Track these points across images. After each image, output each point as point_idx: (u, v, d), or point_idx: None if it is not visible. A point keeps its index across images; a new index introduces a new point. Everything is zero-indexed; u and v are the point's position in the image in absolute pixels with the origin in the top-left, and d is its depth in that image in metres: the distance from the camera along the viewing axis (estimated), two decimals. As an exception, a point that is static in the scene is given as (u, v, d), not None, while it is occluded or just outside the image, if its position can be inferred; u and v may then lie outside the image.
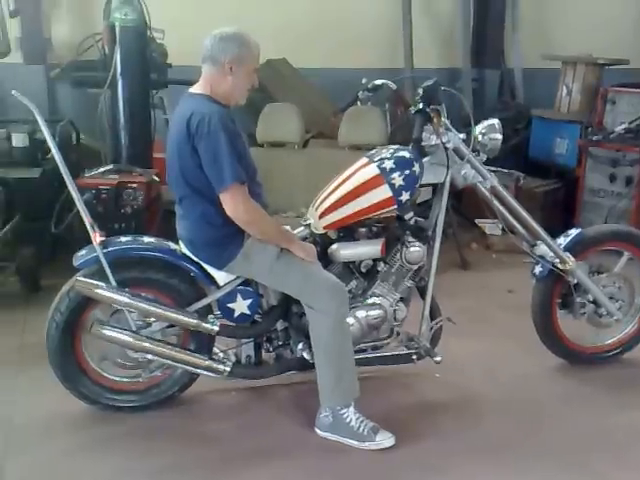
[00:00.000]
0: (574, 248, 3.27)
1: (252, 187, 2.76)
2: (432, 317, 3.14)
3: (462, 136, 2.99)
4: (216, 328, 2.83)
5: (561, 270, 3.24)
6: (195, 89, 2.80)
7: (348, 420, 2.78)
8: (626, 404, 3.14)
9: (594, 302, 3.33)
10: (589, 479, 2.63)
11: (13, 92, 2.69)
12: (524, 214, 3.20)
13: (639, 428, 2.96)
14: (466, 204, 5.33)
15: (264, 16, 6.00)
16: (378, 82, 3.23)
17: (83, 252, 2.82)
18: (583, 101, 5.66)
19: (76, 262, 2.79)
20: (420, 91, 2.94)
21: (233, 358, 2.99)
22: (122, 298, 2.73)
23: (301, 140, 4.75)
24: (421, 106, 2.90)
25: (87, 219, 2.77)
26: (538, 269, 3.31)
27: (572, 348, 3.44)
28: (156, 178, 4.38)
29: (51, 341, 2.82)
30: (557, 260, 3.23)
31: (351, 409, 2.80)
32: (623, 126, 4.89)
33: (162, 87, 4.87)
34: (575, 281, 3.28)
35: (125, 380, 2.96)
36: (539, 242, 3.30)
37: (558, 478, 2.63)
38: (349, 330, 2.85)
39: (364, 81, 3.25)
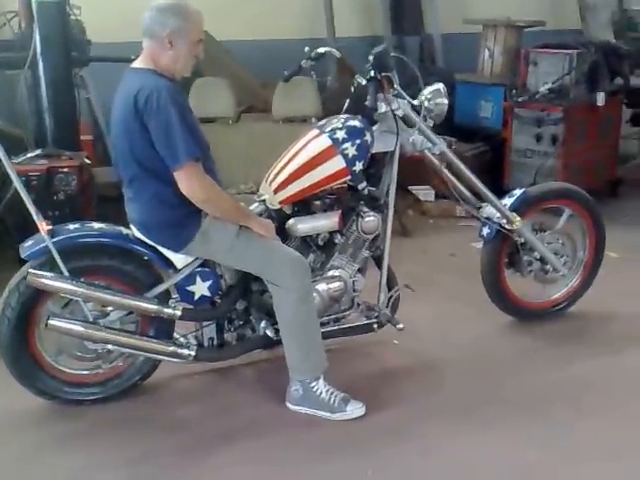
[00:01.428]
0: (519, 208, 3.35)
1: (206, 163, 2.69)
2: (389, 285, 3.16)
3: (416, 102, 2.99)
4: (178, 313, 2.76)
5: (508, 230, 3.31)
6: (138, 64, 2.70)
7: (318, 392, 2.78)
8: (575, 356, 3.25)
9: (540, 259, 3.43)
10: (555, 428, 2.72)
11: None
12: (472, 177, 3.26)
13: (589, 378, 3.07)
14: (398, 171, 5.38)
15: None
16: (321, 50, 3.19)
17: (30, 242, 2.68)
18: (505, 64, 5.78)
19: (24, 253, 2.66)
20: (371, 58, 2.91)
21: (194, 342, 2.93)
22: (78, 288, 2.62)
23: (234, 115, 4.66)
24: (372, 73, 2.88)
25: (32, 207, 2.64)
26: (485, 230, 3.38)
27: (521, 305, 3.54)
28: (87, 161, 4.20)
29: (3, 338, 2.69)
30: (504, 221, 3.30)
31: (320, 381, 2.80)
32: (547, 86, 5.02)
33: (83, 65, 4.66)
34: (522, 240, 3.36)
35: (84, 372, 2.86)
36: (484, 204, 3.37)
37: (525, 430, 2.71)
38: (314, 303, 2.84)
39: (307, 49, 3.20)
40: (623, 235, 4.44)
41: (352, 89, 3.06)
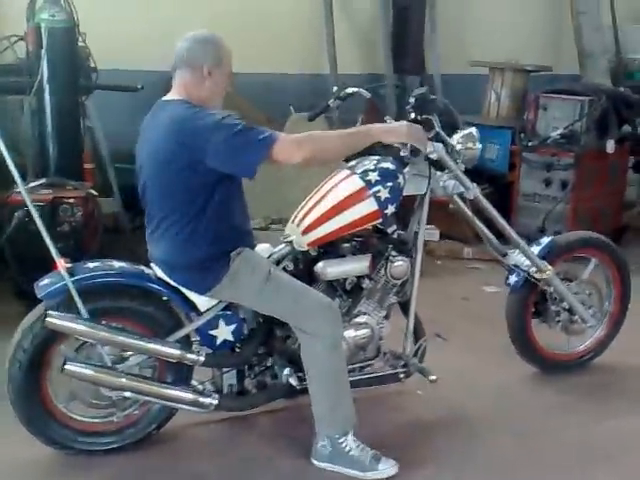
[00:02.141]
0: (547, 256, 3.25)
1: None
2: (416, 333, 3.03)
3: (458, 146, 2.89)
4: (202, 358, 2.60)
5: (538, 279, 3.20)
6: (170, 96, 2.59)
7: (348, 449, 2.62)
8: (608, 411, 3.13)
9: (569, 310, 3.32)
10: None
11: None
12: (503, 222, 3.16)
13: (626, 436, 2.95)
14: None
15: (182, 20, 5.75)
16: (349, 90, 3.10)
17: (47, 281, 2.52)
18: (511, 107, 5.75)
19: (40, 293, 2.49)
20: (412, 100, 2.82)
21: (212, 389, 2.77)
22: (99, 332, 2.46)
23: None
24: (413, 116, 2.78)
25: (50, 242, 2.48)
26: (513, 279, 3.26)
27: (546, 356, 3.42)
28: (93, 192, 4.04)
29: (14, 382, 2.51)
30: (533, 269, 3.20)
31: (350, 437, 2.64)
32: (558, 131, 4.98)
33: (89, 93, 4.53)
34: (551, 290, 3.26)
35: (97, 421, 2.67)
36: (510, 251, 3.27)
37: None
38: (343, 352, 2.69)
39: (335, 89, 3.11)
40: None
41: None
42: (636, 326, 3.56)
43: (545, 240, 3.30)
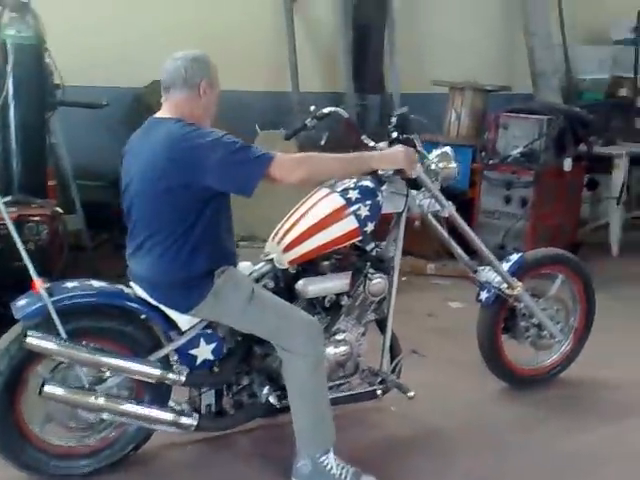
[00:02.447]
0: (516, 273, 3.31)
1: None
2: (392, 350, 3.05)
3: (441, 164, 2.94)
4: (183, 378, 2.57)
5: (509, 295, 3.27)
6: (162, 114, 2.57)
7: (329, 467, 2.61)
8: (578, 424, 3.20)
9: (537, 325, 3.39)
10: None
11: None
12: (476, 240, 3.21)
13: (597, 447, 3.02)
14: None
15: (144, 35, 5.73)
16: (326, 110, 3.12)
17: (24, 302, 2.46)
18: (471, 125, 5.86)
19: (18, 313, 2.43)
20: (393, 120, 2.85)
21: (188, 408, 2.73)
22: (80, 353, 2.41)
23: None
24: (395, 135, 2.81)
25: (28, 262, 2.43)
26: (484, 295, 3.31)
27: (515, 371, 3.48)
28: (59, 210, 3.97)
29: (-12, 405, 2.43)
30: (504, 285, 3.26)
31: (331, 455, 2.63)
32: (519, 150, 5.10)
33: (53, 109, 4.45)
34: (521, 306, 3.32)
35: (72, 444, 2.61)
36: (480, 268, 3.33)
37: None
38: (325, 371, 2.69)
39: (312, 109, 3.12)
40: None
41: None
42: (597, 340, 3.65)
43: (514, 257, 3.36)
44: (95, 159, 5.45)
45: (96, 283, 2.58)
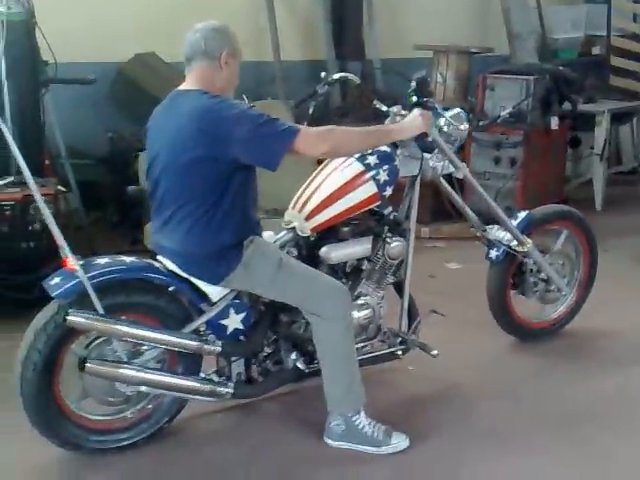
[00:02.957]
0: (525, 230, 3.39)
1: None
2: (410, 311, 3.12)
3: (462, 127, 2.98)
4: (219, 348, 2.61)
5: (519, 252, 3.35)
6: (186, 86, 2.57)
7: (361, 426, 2.69)
8: (591, 372, 3.31)
9: (545, 280, 3.48)
10: (593, 448, 2.75)
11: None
12: (489, 199, 3.28)
13: (610, 394, 3.14)
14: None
15: (125, 10, 5.65)
16: (337, 76, 3.14)
17: (58, 279, 2.46)
18: (457, 89, 5.91)
19: (54, 291, 2.43)
20: (413, 84, 2.88)
21: (216, 378, 2.77)
22: (121, 327, 2.43)
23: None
24: (415, 99, 2.84)
25: (61, 239, 2.43)
26: (494, 253, 3.39)
27: (524, 326, 3.58)
28: (62, 188, 3.94)
29: (28, 385, 2.45)
30: (514, 242, 3.34)
31: (362, 414, 2.71)
32: (508, 110, 5.16)
33: (46, 87, 4.38)
34: (531, 262, 3.41)
35: (109, 418, 2.64)
36: (489, 227, 3.40)
37: (566, 451, 2.73)
38: (353, 333, 2.75)
39: (323, 75, 3.13)
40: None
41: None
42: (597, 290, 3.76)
43: (522, 214, 3.44)
44: (81, 136, 5.40)
45: (127, 258, 2.59)
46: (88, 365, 2.41)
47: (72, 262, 2.40)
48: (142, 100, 5.39)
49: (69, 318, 2.37)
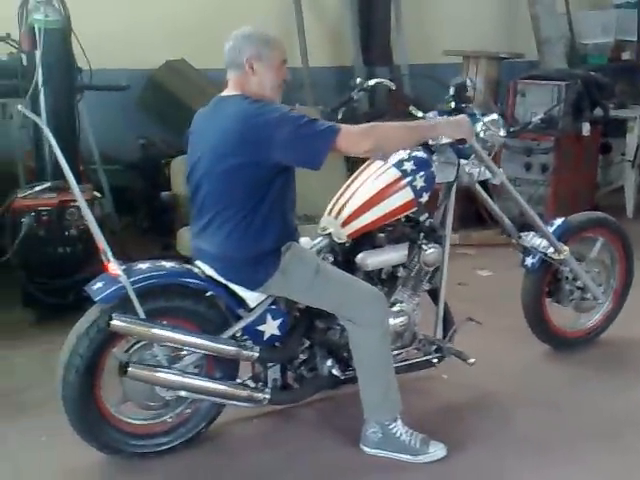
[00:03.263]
0: (561, 237, 3.37)
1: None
2: (445, 318, 3.11)
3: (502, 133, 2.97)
4: (256, 354, 2.62)
5: (555, 260, 3.32)
6: (228, 92, 2.59)
7: (398, 434, 2.68)
8: (626, 384, 3.26)
9: (581, 288, 3.45)
10: (636, 458, 2.72)
11: (19, 107, 2.34)
12: (526, 206, 3.26)
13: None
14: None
15: (155, 17, 5.70)
16: (373, 82, 3.14)
17: (100, 284, 2.48)
18: (486, 94, 5.88)
19: (97, 296, 2.45)
20: (451, 90, 2.88)
21: (252, 384, 2.78)
22: (163, 332, 2.45)
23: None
24: (454, 105, 2.84)
25: (103, 244, 2.46)
26: (530, 260, 3.36)
27: (559, 334, 3.55)
28: (97, 194, 3.98)
29: (69, 388, 2.48)
30: (551, 250, 3.31)
31: (399, 422, 2.70)
32: (539, 116, 5.11)
33: (80, 93, 4.43)
34: (568, 270, 3.38)
35: (149, 422, 2.66)
36: (524, 234, 3.37)
37: (608, 461, 2.69)
38: (390, 340, 2.75)
39: (358, 81, 3.14)
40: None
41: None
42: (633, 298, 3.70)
43: (558, 221, 3.41)
44: (113, 142, 5.45)
45: (167, 263, 2.61)
46: (130, 369, 2.43)
47: (115, 267, 2.42)
48: (172, 107, 5.46)
49: (113, 323, 2.39)
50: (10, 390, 3.16)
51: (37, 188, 3.82)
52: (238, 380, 2.73)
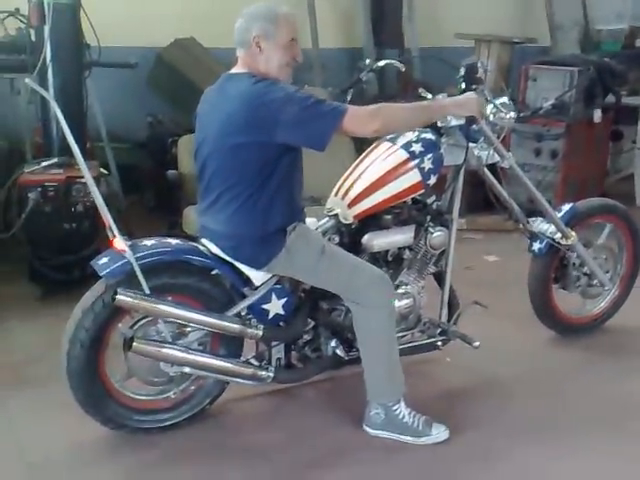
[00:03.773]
0: (569, 223, 3.34)
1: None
2: (450, 302, 3.10)
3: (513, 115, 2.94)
4: (260, 333, 2.62)
5: (563, 245, 3.30)
6: (236, 69, 2.57)
7: (401, 416, 2.68)
8: (630, 370, 3.25)
9: (588, 275, 3.43)
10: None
11: (27, 80, 2.33)
12: (534, 190, 3.24)
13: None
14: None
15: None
16: (382, 63, 3.11)
17: (106, 259, 2.48)
18: (498, 78, 5.83)
19: (102, 271, 2.45)
20: (462, 71, 2.85)
21: (256, 363, 2.78)
22: (168, 308, 2.45)
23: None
24: (464, 86, 2.82)
25: (109, 220, 2.45)
26: (537, 245, 3.34)
27: (565, 321, 3.54)
28: (104, 171, 3.98)
29: (74, 362, 2.48)
30: (558, 235, 3.29)
31: (402, 404, 2.70)
32: (550, 102, 5.09)
33: (88, 70, 4.42)
34: (574, 255, 3.36)
35: (152, 398, 2.67)
36: (532, 219, 3.36)
37: (614, 445, 2.68)
38: (395, 322, 2.74)
39: (367, 62, 3.11)
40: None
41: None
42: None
43: (566, 207, 3.38)
44: (120, 120, 5.43)
45: (172, 240, 2.60)
46: (135, 344, 2.44)
47: (121, 243, 2.42)
48: (180, 85, 5.44)
49: (118, 297, 2.39)
50: (15, 363, 3.18)
51: (44, 164, 3.83)
52: (242, 358, 2.74)
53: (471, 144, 2.99)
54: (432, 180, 2.86)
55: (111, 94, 5.22)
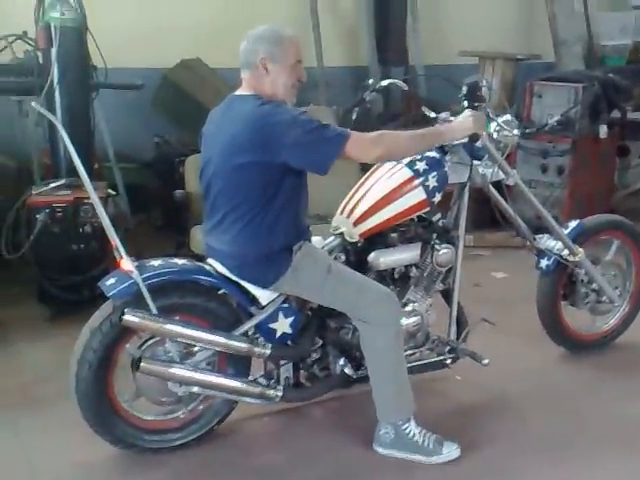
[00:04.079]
0: (576, 240, 3.34)
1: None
2: (458, 320, 3.09)
3: (516, 132, 2.95)
4: (268, 351, 2.61)
5: (570, 262, 3.29)
6: (241, 91, 2.58)
7: (411, 435, 2.67)
8: (641, 386, 3.25)
9: (597, 291, 3.42)
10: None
11: (33, 104, 2.36)
12: (540, 207, 3.24)
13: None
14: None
15: (171, 16, 5.72)
16: (385, 83, 3.13)
17: (113, 280, 2.49)
18: (502, 95, 5.86)
19: (109, 291, 2.46)
20: (464, 89, 2.86)
21: (264, 382, 2.78)
22: (175, 328, 2.46)
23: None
24: (466, 104, 2.83)
25: (116, 241, 2.46)
26: (545, 262, 3.33)
27: (574, 337, 3.52)
28: (112, 191, 4.00)
29: (83, 384, 2.49)
30: (565, 252, 3.28)
31: (412, 422, 2.69)
32: (556, 118, 5.09)
33: (95, 91, 4.45)
34: (582, 272, 3.35)
35: (161, 418, 2.67)
36: (539, 236, 3.35)
37: (627, 464, 2.67)
38: (402, 340, 2.73)
39: (371, 82, 3.13)
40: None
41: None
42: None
43: (573, 223, 3.38)
44: (127, 141, 5.47)
45: (179, 260, 2.62)
46: (143, 364, 2.44)
47: (127, 263, 2.43)
48: (187, 106, 5.48)
49: (125, 318, 2.40)
50: (25, 384, 3.19)
51: (52, 185, 3.85)
52: (250, 377, 2.73)
53: (475, 162, 2.99)
54: (437, 198, 2.87)
55: (118, 115, 5.25)
